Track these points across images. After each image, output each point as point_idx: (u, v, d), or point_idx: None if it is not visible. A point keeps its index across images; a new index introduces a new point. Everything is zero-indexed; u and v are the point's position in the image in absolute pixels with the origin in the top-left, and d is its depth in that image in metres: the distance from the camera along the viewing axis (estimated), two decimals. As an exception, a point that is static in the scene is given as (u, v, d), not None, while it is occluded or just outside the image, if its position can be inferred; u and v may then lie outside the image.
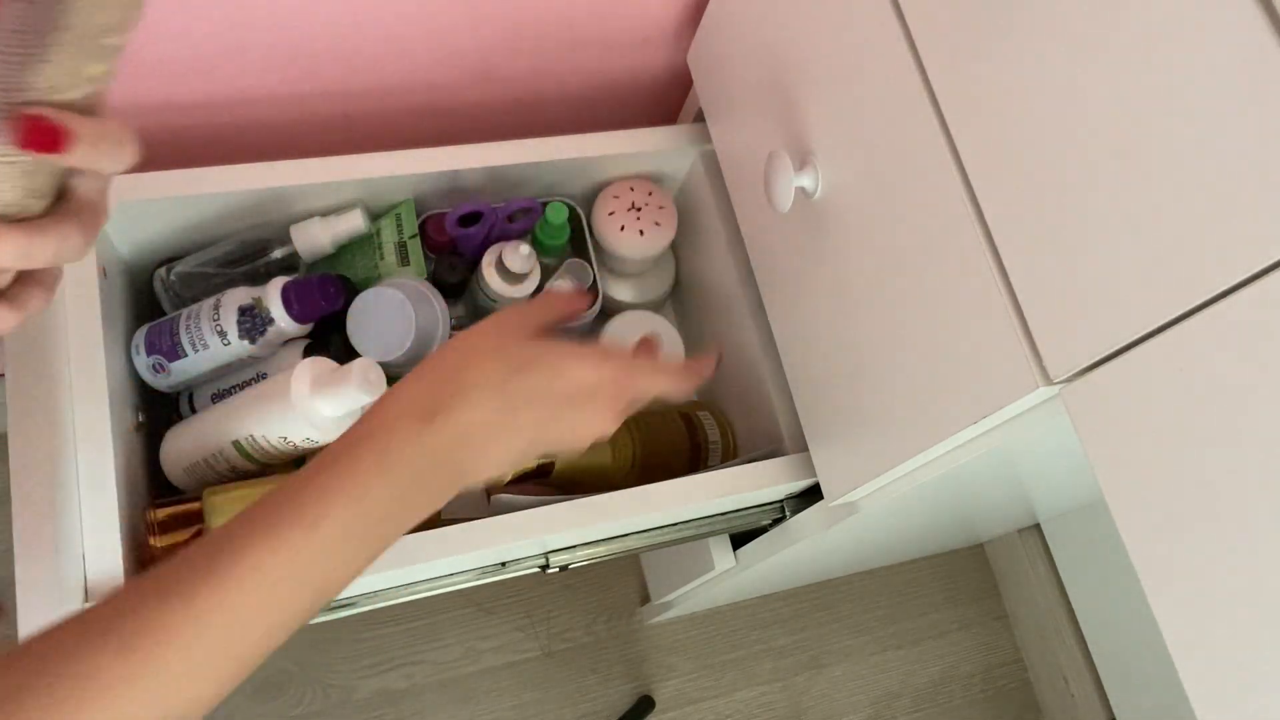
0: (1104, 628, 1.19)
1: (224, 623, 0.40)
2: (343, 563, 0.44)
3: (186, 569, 0.41)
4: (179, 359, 0.71)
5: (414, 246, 0.77)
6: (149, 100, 0.77)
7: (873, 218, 0.59)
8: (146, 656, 0.39)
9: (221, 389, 0.74)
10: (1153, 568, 0.43)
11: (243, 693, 1.07)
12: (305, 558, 0.42)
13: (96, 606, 0.40)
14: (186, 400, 0.75)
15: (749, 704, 1.21)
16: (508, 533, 0.66)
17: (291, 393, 0.64)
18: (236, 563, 0.41)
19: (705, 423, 0.82)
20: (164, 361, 0.71)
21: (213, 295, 0.72)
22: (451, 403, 0.47)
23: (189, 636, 0.39)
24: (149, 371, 0.72)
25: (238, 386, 0.73)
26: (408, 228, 0.77)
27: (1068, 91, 0.45)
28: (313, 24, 0.74)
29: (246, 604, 0.41)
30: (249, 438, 0.67)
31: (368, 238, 0.78)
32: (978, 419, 0.52)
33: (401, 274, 0.76)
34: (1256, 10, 0.37)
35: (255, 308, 0.71)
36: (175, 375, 0.72)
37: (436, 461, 0.46)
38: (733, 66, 0.74)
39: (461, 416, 0.47)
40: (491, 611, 1.16)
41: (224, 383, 0.74)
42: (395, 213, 0.78)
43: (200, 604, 0.40)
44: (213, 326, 0.70)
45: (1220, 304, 0.39)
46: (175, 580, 0.41)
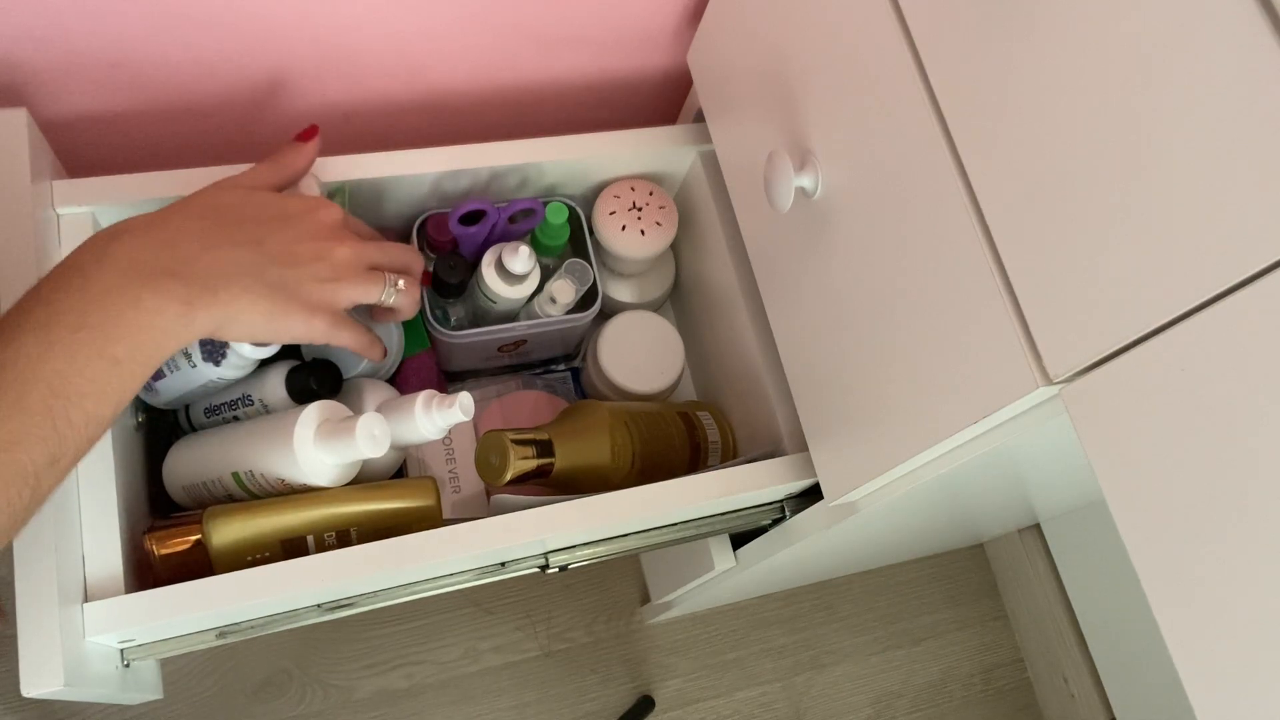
0: (1104, 628, 1.19)
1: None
2: (62, 374, 0.43)
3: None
4: (161, 379, 0.69)
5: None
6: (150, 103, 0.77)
7: (873, 218, 0.59)
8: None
9: (214, 404, 0.72)
10: (1152, 567, 0.43)
11: (243, 692, 1.07)
12: (12, 369, 0.42)
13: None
14: (183, 411, 0.75)
15: (749, 704, 1.21)
16: (508, 533, 0.66)
17: (294, 438, 0.64)
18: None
19: (705, 423, 0.82)
20: (150, 382, 0.70)
21: None
22: (143, 223, 0.49)
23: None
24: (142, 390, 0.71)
25: (226, 405, 0.71)
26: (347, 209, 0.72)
27: (1068, 91, 0.45)
28: (312, 24, 0.74)
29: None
30: (248, 473, 0.67)
31: None
32: (977, 419, 0.52)
33: None
34: (1256, 10, 0.37)
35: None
36: (163, 394, 0.71)
37: (135, 264, 0.46)
38: (733, 66, 0.74)
39: (159, 233, 0.48)
40: (491, 611, 1.16)
41: (214, 399, 0.72)
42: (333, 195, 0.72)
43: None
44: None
45: (1220, 304, 0.39)
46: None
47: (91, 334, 0.44)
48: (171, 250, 0.48)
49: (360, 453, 0.64)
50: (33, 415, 0.42)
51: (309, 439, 0.65)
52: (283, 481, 0.66)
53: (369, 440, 0.64)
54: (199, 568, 0.63)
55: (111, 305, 0.45)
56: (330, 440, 0.65)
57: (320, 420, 0.66)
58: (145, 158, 0.82)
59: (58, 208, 0.69)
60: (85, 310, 0.44)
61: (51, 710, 1.02)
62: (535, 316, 0.81)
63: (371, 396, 0.73)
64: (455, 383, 0.89)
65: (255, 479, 0.67)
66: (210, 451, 0.70)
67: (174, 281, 0.47)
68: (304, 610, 0.67)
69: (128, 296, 0.45)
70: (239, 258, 0.50)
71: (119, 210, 0.70)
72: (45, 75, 0.72)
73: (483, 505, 0.79)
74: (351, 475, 0.69)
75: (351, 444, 0.64)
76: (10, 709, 1.01)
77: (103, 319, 0.44)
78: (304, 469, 0.65)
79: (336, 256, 0.55)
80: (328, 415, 0.67)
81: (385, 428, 0.65)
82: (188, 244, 0.48)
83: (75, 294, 0.44)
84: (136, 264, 0.46)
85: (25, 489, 0.42)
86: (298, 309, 0.54)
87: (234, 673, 1.07)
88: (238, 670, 1.07)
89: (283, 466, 0.65)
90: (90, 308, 0.44)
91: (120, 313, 0.45)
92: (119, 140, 0.80)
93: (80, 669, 0.58)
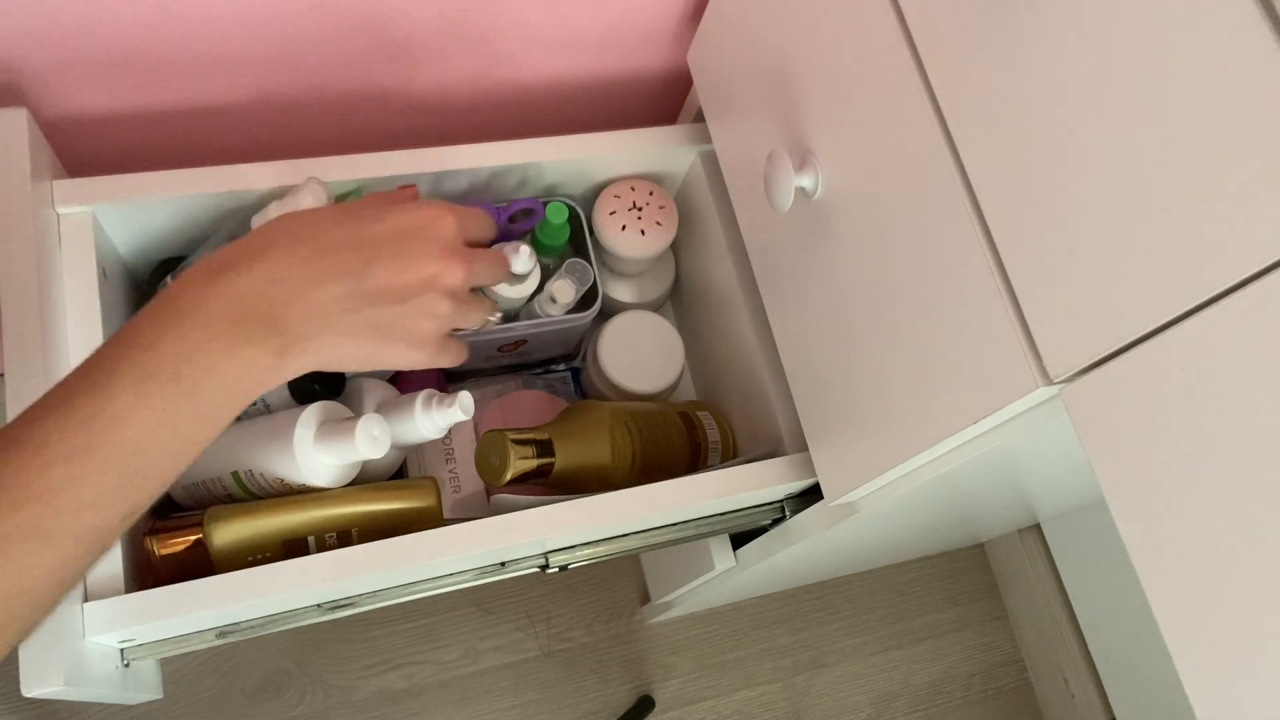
0: (1104, 628, 1.19)
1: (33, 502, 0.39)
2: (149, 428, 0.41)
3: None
4: None
5: None
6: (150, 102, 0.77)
7: (873, 217, 0.59)
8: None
9: None
10: (1153, 568, 0.43)
11: (243, 692, 1.07)
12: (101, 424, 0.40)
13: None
14: None
15: (749, 704, 1.21)
16: (507, 533, 0.66)
17: (294, 438, 0.64)
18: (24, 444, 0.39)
19: (705, 423, 0.82)
20: None
21: None
22: (244, 258, 0.45)
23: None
24: None
25: None
26: None
27: (1068, 91, 0.45)
28: (312, 24, 0.74)
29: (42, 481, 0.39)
30: (248, 473, 0.67)
31: None
32: (978, 419, 0.52)
33: None
34: (1256, 10, 0.37)
35: None
36: None
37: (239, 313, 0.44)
38: (733, 66, 0.74)
39: (260, 266, 0.45)
40: (491, 611, 1.16)
41: None
42: (346, 199, 0.74)
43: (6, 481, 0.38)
44: None
45: (1220, 304, 0.39)
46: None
47: (184, 386, 0.43)
48: (270, 292, 0.45)
49: (360, 454, 0.64)
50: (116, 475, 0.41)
51: (309, 439, 0.65)
52: (282, 481, 0.66)
53: (369, 441, 0.64)
54: (199, 568, 0.63)
55: (207, 358, 0.43)
56: (330, 441, 0.65)
57: (320, 421, 0.66)
58: (145, 158, 0.82)
59: (58, 207, 0.69)
60: (180, 363, 0.43)
61: (51, 710, 1.02)
62: (535, 316, 0.81)
63: (371, 396, 0.73)
64: (455, 383, 0.89)
65: (255, 479, 0.67)
66: (210, 451, 0.69)
67: (269, 331, 0.45)
68: (304, 610, 0.67)
69: (224, 347, 0.44)
70: (338, 298, 0.47)
71: (119, 210, 0.70)
72: (45, 75, 0.72)
73: (483, 505, 0.79)
74: (352, 476, 0.69)
75: (351, 445, 0.64)
76: (10, 709, 1.01)
77: (197, 372, 0.43)
78: (304, 469, 0.65)
79: (445, 285, 0.51)
80: (328, 415, 0.67)
81: (385, 428, 0.65)
82: (287, 282, 0.46)
83: (172, 343, 0.43)
84: (233, 310, 0.44)
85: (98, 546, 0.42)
86: (399, 346, 0.51)
87: (234, 673, 1.07)
88: (238, 670, 1.07)
89: (282, 467, 0.65)
90: (186, 360, 0.43)
91: (215, 365, 0.44)
92: (119, 140, 0.80)
93: (80, 669, 0.58)
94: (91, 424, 0.40)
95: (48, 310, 0.64)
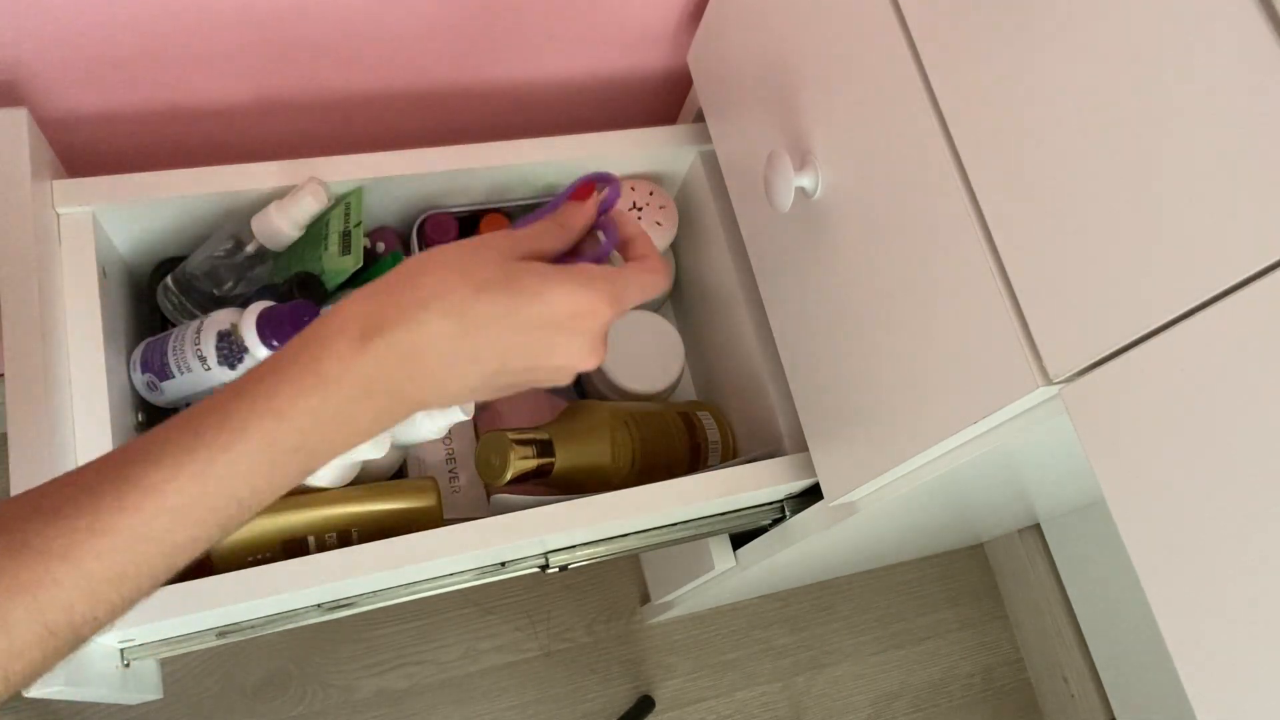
0: (1104, 628, 1.19)
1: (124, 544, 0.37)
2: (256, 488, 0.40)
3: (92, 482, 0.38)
4: (169, 379, 0.70)
5: (356, 235, 0.73)
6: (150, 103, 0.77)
7: (872, 218, 0.59)
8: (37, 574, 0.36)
9: None
10: (1153, 568, 0.43)
11: (243, 692, 1.07)
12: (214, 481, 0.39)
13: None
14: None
15: (749, 704, 1.21)
16: (508, 533, 0.66)
17: None
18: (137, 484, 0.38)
19: (705, 423, 0.82)
20: (156, 380, 0.70)
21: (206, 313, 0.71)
22: (398, 321, 0.41)
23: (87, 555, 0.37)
24: (145, 389, 0.71)
25: None
26: (354, 216, 0.74)
27: (1068, 91, 0.45)
28: (312, 25, 0.74)
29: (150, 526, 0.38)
30: None
31: (318, 227, 0.75)
32: (978, 419, 0.52)
33: (341, 264, 0.73)
34: (1256, 10, 0.37)
35: (233, 334, 0.68)
36: (168, 394, 0.71)
37: (373, 385, 0.41)
38: (733, 66, 0.74)
39: (407, 337, 0.41)
40: (491, 611, 1.16)
41: None
42: (345, 201, 0.75)
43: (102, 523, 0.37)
44: (194, 351, 0.68)
45: (1220, 304, 0.39)
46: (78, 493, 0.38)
47: (302, 457, 0.41)
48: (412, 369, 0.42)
49: (360, 454, 0.64)
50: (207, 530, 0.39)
51: None
52: None
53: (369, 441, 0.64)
54: (199, 568, 0.63)
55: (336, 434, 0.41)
56: None
57: None
58: (145, 158, 0.82)
59: (58, 207, 0.69)
60: (307, 434, 0.40)
61: (51, 710, 1.02)
62: (535, 316, 0.80)
63: None
64: (455, 383, 0.89)
65: None
66: None
67: (396, 402, 0.42)
68: (304, 610, 0.67)
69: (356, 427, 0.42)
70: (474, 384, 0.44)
71: (119, 210, 0.70)
72: (45, 75, 0.72)
73: (483, 505, 0.79)
74: (352, 476, 0.69)
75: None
76: (10, 709, 1.01)
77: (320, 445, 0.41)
78: None
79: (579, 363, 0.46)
80: None
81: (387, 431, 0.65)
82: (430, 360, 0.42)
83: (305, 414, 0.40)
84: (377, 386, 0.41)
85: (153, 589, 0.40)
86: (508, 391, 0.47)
87: (234, 673, 1.07)
88: (238, 670, 1.07)
89: None
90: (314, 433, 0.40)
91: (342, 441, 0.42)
92: (119, 140, 0.80)
93: (80, 668, 0.58)
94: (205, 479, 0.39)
95: (48, 310, 0.64)
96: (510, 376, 0.45)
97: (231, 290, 0.73)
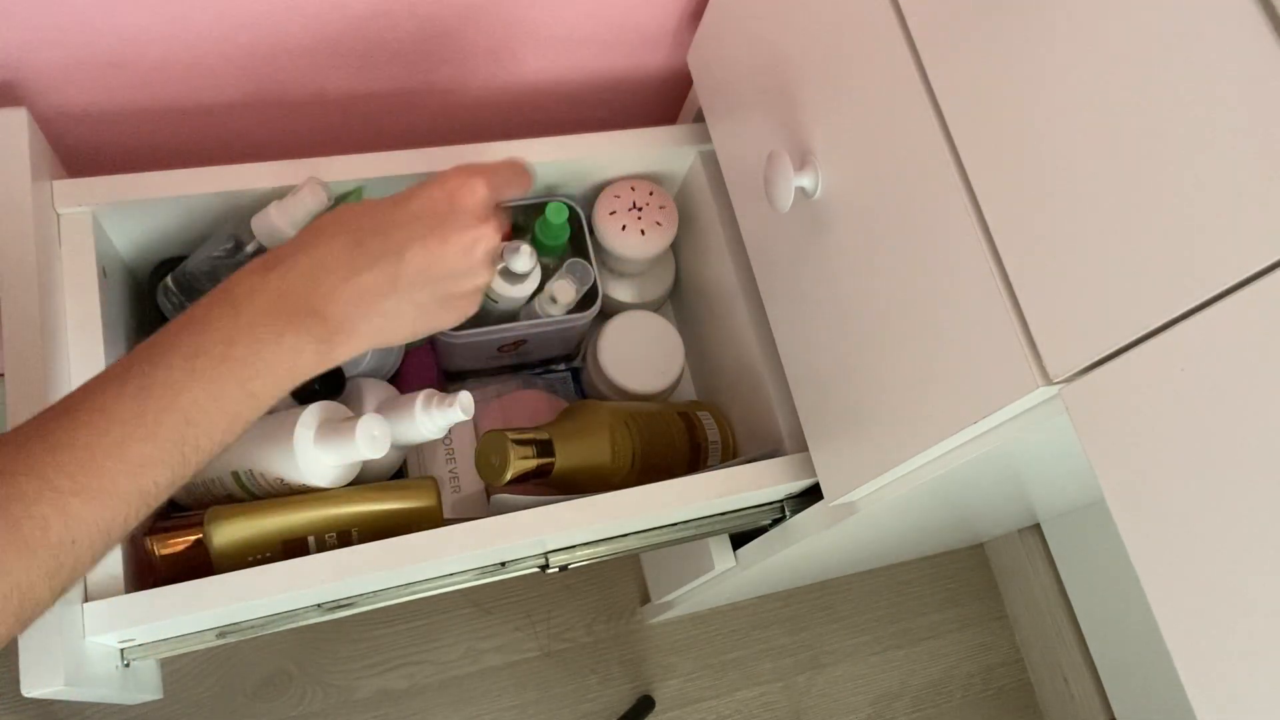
0: (1104, 628, 1.19)
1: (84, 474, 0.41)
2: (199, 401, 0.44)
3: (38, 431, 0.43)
4: None
5: None
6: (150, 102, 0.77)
7: (873, 218, 0.59)
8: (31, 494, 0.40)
9: None
10: (1153, 568, 0.43)
11: (243, 693, 1.07)
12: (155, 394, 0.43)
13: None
14: None
15: (749, 704, 1.21)
16: (507, 533, 0.66)
17: (295, 437, 0.64)
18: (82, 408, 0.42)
19: (705, 423, 0.82)
20: None
21: None
22: (296, 249, 0.48)
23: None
24: None
25: None
26: None
27: (1068, 91, 0.45)
28: (312, 25, 0.74)
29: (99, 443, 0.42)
30: (248, 472, 0.66)
31: None
32: (978, 419, 0.52)
33: None
34: (1256, 10, 0.37)
35: None
36: None
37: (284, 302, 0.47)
38: (733, 66, 0.74)
39: (305, 258, 0.48)
40: (491, 611, 1.16)
41: None
42: (346, 199, 0.74)
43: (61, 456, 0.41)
44: None
45: (1220, 304, 0.39)
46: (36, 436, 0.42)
47: (234, 366, 0.45)
48: (315, 282, 0.48)
49: (360, 454, 0.64)
50: (166, 441, 0.43)
51: (309, 439, 0.65)
52: (282, 481, 0.66)
53: (369, 441, 0.64)
54: (199, 567, 0.63)
55: (255, 341, 0.46)
56: (330, 441, 0.65)
57: (321, 420, 0.66)
58: (145, 158, 0.82)
59: (58, 207, 0.69)
60: (232, 341, 0.45)
61: (51, 710, 1.02)
62: (535, 316, 0.81)
63: (371, 396, 0.73)
64: (455, 382, 0.89)
65: (255, 478, 0.67)
66: None
67: (315, 320, 0.48)
68: (304, 610, 0.67)
69: (272, 331, 0.46)
70: (379, 284, 0.49)
71: (119, 210, 0.70)
72: (46, 75, 0.72)
73: (483, 505, 0.79)
74: (352, 476, 0.69)
75: (351, 445, 0.64)
76: (10, 709, 1.01)
77: (246, 352, 0.45)
78: (304, 469, 0.65)
79: (479, 251, 0.53)
80: (328, 415, 0.67)
81: (385, 428, 0.65)
82: (331, 273, 0.48)
83: (226, 324, 0.46)
84: (284, 298, 0.47)
85: (144, 508, 0.44)
86: (442, 312, 0.54)
87: (234, 673, 1.07)
88: (238, 670, 1.07)
89: (282, 467, 0.65)
90: (237, 339, 0.46)
91: (263, 347, 0.46)
92: (119, 140, 0.80)
93: (80, 669, 0.58)
94: (146, 394, 0.43)
95: (48, 310, 0.64)
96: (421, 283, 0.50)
97: (231, 290, 0.73)
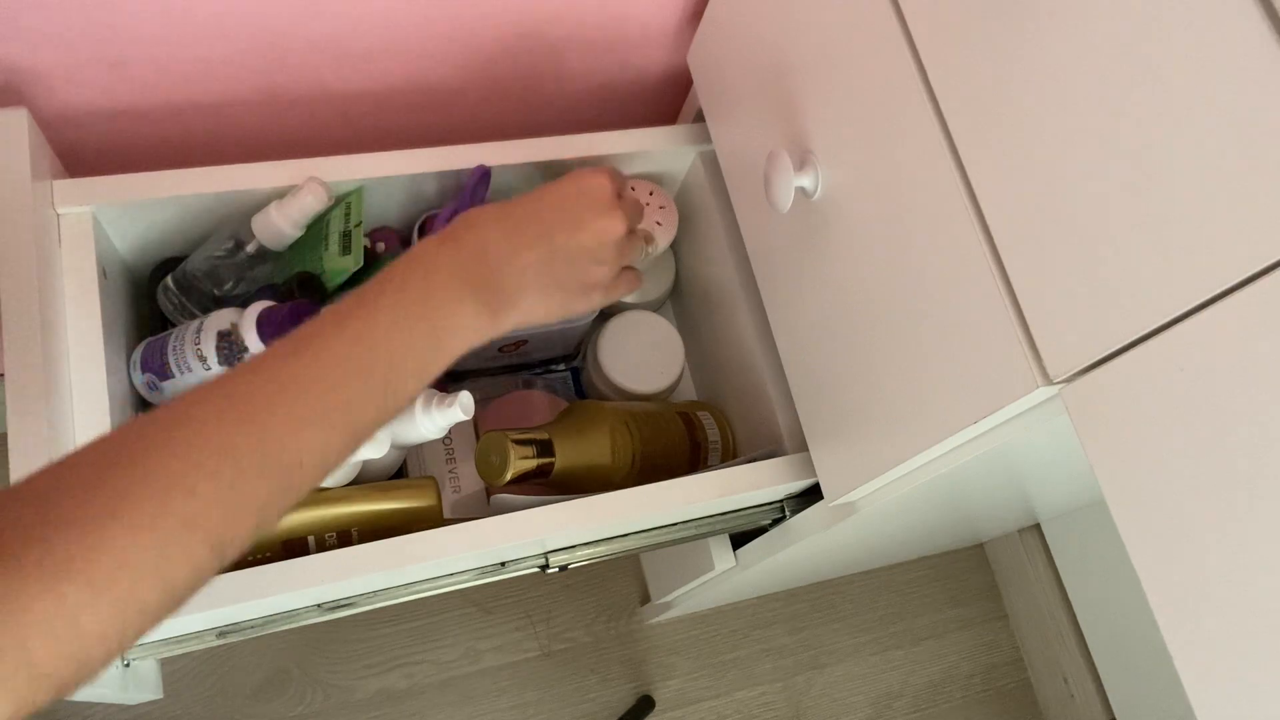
0: (1104, 628, 1.19)
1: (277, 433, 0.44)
2: (401, 351, 0.49)
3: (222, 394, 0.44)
4: (169, 379, 0.69)
5: (356, 235, 0.73)
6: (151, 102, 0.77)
7: (872, 218, 0.59)
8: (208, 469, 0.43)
9: None
10: (1153, 567, 0.43)
11: (243, 693, 1.07)
12: (366, 342, 0.48)
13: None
14: None
15: (749, 704, 1.21)
16: (508, 533, 0.66)
17: None
18: (304, 349, 0.46)
19: (705, 423, 0.82)
20: (156, 380, 0.70)
21: (206, 313, 0.70)
22: (459, 232, 0.55)
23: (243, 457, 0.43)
24: (145, 389, 0.71)
25: None
26: (354, 216, 0.74)
27: (1068, 91, 0.45)
28: (313, 25, 0.74)
29: (324, 379, 0.46)
30: None
31: (317, 227, 0.75)
32: (978, 419, 0.52)
33: (341, 264, 0.73)
34: (1256, 10, 0.37)
35: (233, 334, 0.68)
36: (168, 394, 0.70)
37: (462, 272, 0.53)
38: (733, 66, 0.74)
39: (469, 236, 0.54)
40: (491, 611, 1.16)
41: None
42: (345, 201, 0.75)
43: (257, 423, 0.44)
44: (194, 350, 0.68)
45: (1220, 304, 0.39)
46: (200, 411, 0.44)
47: (430, 322, 0.50)
48: (485, 259, 0.54)
49: (360, 453, 0.64)
50: (373, 382, 0.47)
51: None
52: None
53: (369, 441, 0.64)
54: (199, 567, 0.63)
55: (446, 304, 0.52)
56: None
57: None
58: (145, 158, 0.82)
59: (58, 207, 0.69)
60: (427, 299, 0.51)
61: (52, 710, 1.02)
62: (535, 316, 0.80)
63: None
64: (455, 382, 0.89)
65: None
66: None
67: (488, 292, 0.54)
68: (304, 610, 0.67)
69: (456, 297, 0.52)
70: (535, 263, 0.56)
71: (119, 210, 0.70)
72: (45, 75, 0.72)
73: (483, 505, 0.79)
74: (352, 475, 0.69)
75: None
76: (10, 709, 1.01)
77: (439, 309, 0.51)
78: None
79: (612, 237, 0.60)
80: None
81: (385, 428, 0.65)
82: (496, 252, 0.55)
83: (420, 284, 0.51)
84: (463, 268, 0.53)
85: (354, 443, 0.47)
86: (582, 294, 0.60)
87: (234, 673, 1.07)
88: (238, 670, 1.08)
89: None
90: (431, 298, 0.51)
91: (452, 311, 0.52)
92: (119, 139, 0.80)
93: (80, 669, 0.58)
94: (358, 341, 0.48)
95: (48, 310, 0.64)
96: (565, 265, 0.58)
97: (232, 290, 0.73)
